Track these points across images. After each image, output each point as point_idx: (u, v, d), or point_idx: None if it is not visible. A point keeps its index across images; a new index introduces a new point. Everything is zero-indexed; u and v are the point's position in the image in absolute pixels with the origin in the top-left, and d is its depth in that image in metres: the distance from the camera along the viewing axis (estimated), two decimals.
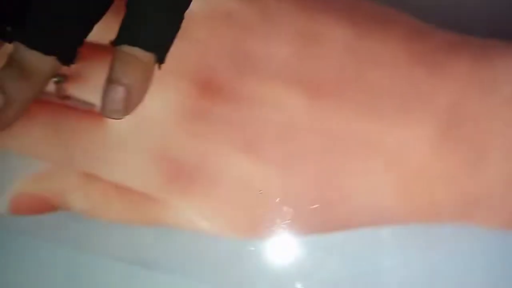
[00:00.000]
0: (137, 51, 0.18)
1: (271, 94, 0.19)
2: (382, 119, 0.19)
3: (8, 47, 0.19)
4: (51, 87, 0.20)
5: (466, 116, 0.19)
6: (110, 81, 0.18)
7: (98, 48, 0.20)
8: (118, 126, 0.20)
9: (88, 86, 0.20)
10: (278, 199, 0.20)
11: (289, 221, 0.20)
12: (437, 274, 0.21)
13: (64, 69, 0.20)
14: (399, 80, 0.19)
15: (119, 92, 0.18)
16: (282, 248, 0.21)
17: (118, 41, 0.18)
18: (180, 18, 0.19)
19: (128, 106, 0.18)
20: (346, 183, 0.20)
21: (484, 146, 0.19)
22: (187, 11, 0.19)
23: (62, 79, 0.20)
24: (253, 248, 0.21)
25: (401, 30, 0.20)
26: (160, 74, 0.19)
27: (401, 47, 0.20)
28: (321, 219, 0.20)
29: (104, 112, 0.18)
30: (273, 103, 0.19)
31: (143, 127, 0.20)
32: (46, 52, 0.18)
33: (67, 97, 0.20)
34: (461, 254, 0.21)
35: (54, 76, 0.20)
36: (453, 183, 0.19)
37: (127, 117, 0.19)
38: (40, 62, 0.18)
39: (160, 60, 0.19)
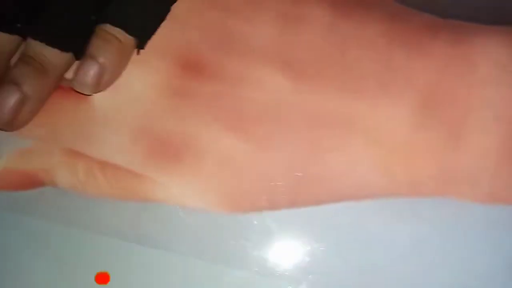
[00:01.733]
0: (118, 33, 0.19)
1: (256, 74, 0.20)
2: (363, 98, 0.20)
3: None
4: None
5: (445, 94, 0.20)
6: (87, 56, 0.18)
7: None
8: (102, 103, 0.20)
9: None
10: (263, 174, 0.20)
11: (275, 195, 0.21)
12: (421, 246, 0.22)
13: None
14: (379, 61, 0.20)
15: (92, 68, 0.18)
16: (268, 221, 0.22)
17: (102, 20, 0.19)
18: (167, 10, 0.19)
19: (99, 84, 0.19)
20: (329, 159, 0.20)
21: (462, 123, 0.20)
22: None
23: None
24: (241, 222, 0.22)
25: (381, 11, 0.20)
26: (143, 53, 0.19)
27: (381, 28, 0.20)
28: (306, 193, 0.21)
29: (73, 84, 0.19)
30: (258, 82, 0.20)
31: (126, 104, 0.20)
32: (65, 48, 0.18)
33: None
34: (444, 226, 0.22)
35: None
36: (432, 159, 0.20)
37: (112, 94, 0.20)
38: (56, 58, 0.18)
39: (141, 46, 0.19)
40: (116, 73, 0.19)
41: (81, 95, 0.20)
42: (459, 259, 0.22)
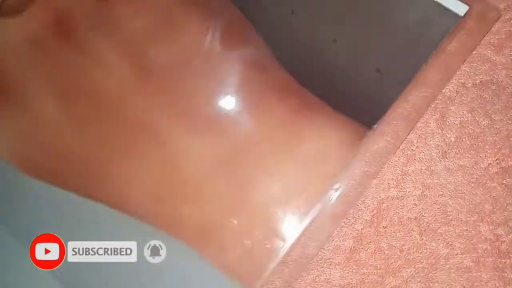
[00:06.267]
0: None
1: (112, 60, 0.21)
2: (186, 126, 0.20)
3: None
4: None
5: (253, 154, 0.20)
6: None
7: None
8: None
9: None
10: (64, 151, 0.21)
11: (65, 174, 0.21)
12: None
13: None
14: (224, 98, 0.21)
15: None
16: None
17: None
18: None
19: None
20: (124, 164, 0.21)
21: (249, 189, 0.20)
22: None
23: None
24: None
25: (254, 55, 0.21)
26: None
27: (243, 72, 0.21)
28: (90, 186, 0.21)
29: None
30: (109, 68, 0.21)
31: None
32: None
33: None
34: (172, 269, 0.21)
35: None
36: (207, 208, 0.20)
37: None
38: None
39: None
40: None
41: None
42: None
